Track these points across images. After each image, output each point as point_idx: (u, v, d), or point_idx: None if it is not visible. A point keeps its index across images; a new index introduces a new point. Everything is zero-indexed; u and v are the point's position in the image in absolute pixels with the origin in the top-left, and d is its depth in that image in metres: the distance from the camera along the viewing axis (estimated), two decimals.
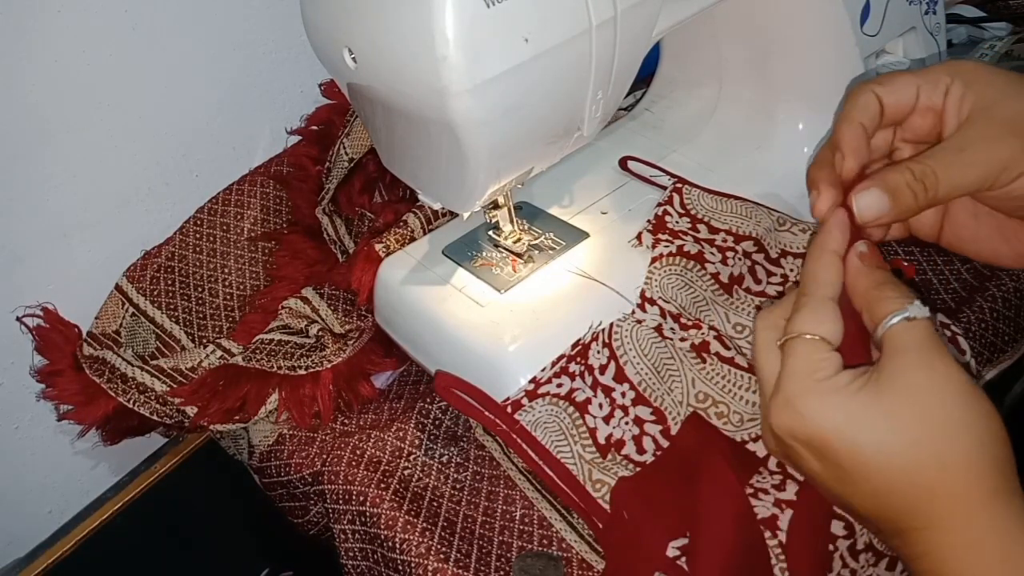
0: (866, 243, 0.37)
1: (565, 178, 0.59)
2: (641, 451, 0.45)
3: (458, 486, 0.51)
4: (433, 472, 0.52)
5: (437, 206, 0.49)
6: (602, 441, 0.46)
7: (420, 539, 0.47)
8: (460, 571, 0.46)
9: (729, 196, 0.54)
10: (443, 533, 0.48)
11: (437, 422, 0.56)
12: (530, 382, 0.47)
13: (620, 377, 0.46)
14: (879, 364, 0.34)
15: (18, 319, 0.59)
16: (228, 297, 0.67)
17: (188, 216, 0.67)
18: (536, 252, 0.53)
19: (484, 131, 0.39)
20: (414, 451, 0.53)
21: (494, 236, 0.54)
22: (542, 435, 0.45)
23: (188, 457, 0.67)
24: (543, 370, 0.47)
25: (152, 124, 0.64)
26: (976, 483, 0.31)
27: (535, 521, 0.48)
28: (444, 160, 0.42)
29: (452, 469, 0.52)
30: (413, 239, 0.58)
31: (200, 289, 0.66)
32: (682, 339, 0.48)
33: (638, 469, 0.44)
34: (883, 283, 0.35)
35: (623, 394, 0.46)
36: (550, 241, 0.54)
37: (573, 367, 0.47)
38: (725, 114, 0.62)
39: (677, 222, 0.52)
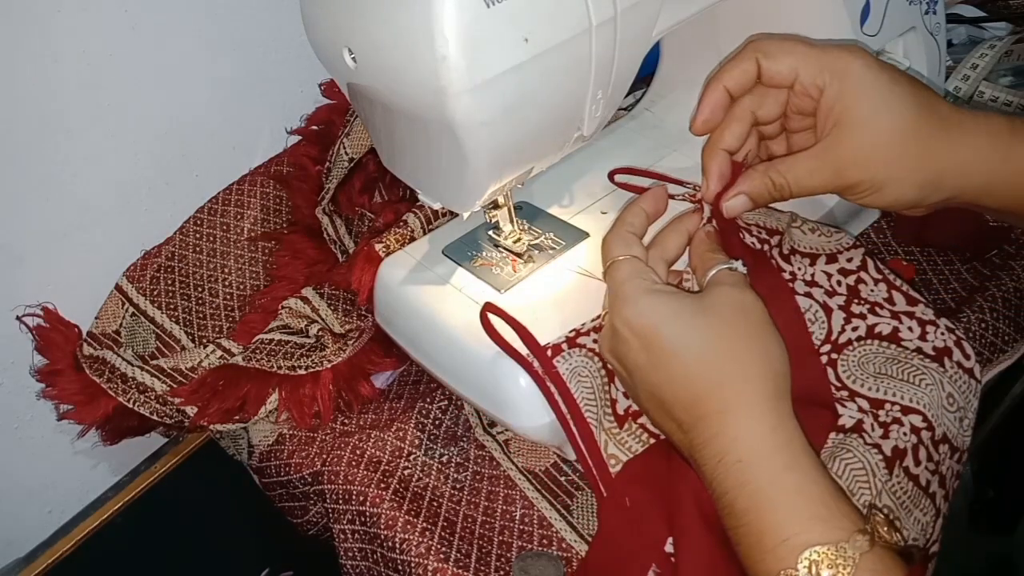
0: (712, 228, 0.45)
1: (565, 178, 0.59)
2: None
3: (458, 486, 0.51)
4: (433, 472, 0.52)
5: (437, 206, 0.49)
6: (620, 412, 0.45)
7: (420, 539, 0.47)
8: (460, 571, 0.46)
9: None
10: (443, 533, 0.48)
11: (437, 422, 0.56)
12: (572, 331, 0.46)
13: None
14: (703, 292, 0.41)
15: (18, 319, 0.59)
16: (228, 297, 0.67)
17: (188, 216, 0.67)
18: (536, 252, 0.53)
19: (484, 131, 0.39)
20: (414, 451, 0.53)
21: (494, 236, 0.54)
22: (575, 388, 0.44)
23: (188, 457, 0.67)
24: (583, 324, 0.46)
25: (152, 124, 0.64)
26: (762, 383, 0.37)
27: (535, 521, 0.48)
28: (444, 160, 0.42)
29: (452, 469, 0.52)
30: (413, 239, 0.58)
31: (200, 289, 0.66)
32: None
33: (651, 441, 0.44)
34: (716, 250, 0.44)
35: None
36: (550, 241, 0.54)
37: None
38: None
39: None
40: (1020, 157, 0.39)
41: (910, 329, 0.44)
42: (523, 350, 0.45)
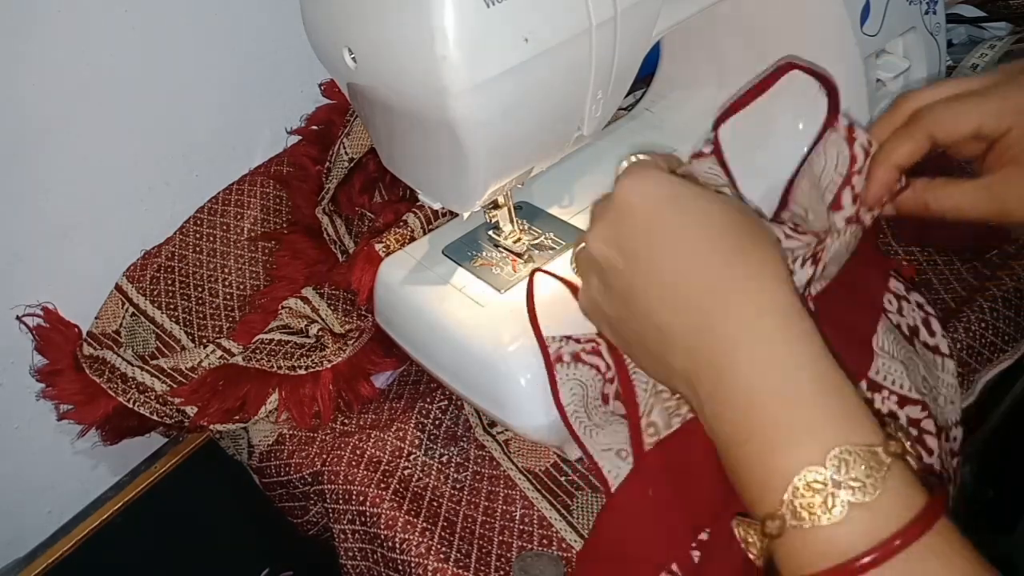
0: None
1: (565, 178, 0.59)
2: None
3: (458, 486, 0.51)
4: (433, 472, 0.52)
5: (437, 206, 0.49)
6: None
7: (420, 539, 0.47)
8: (460, 571, 0.46)
9: None
10: (443, 533, 0.48)
11: (437, 422, 0.56)
12: None
13: None
14: None
15: (18, 319, 0.59)
16: (228, 297, 0.67)
17: (188, 216, 0.67)
18: (536, 252, 0.53)
19: (484, 131, 0.39)
20: (414, 451, 0.53)
21: (494, 236, 0.54)
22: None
23: (188, 457, 0.67)
24: None
25: (152, 124, 0.64)
26: (782, 280, 0.33)
27: (535, 521, 0.48)
28: (444, 160, 0.42)
29: (452, 469, 0.52)
30: (413, 239, 0.58)
31: (200, 289, 0.66)
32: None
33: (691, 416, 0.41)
34: None
35: None
36: (550, 241, 0.54)
37: None
38: None
39: None
40: None
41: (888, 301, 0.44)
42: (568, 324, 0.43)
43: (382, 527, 0.49)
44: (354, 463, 0.52)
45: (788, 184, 0.45)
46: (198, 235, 0.67)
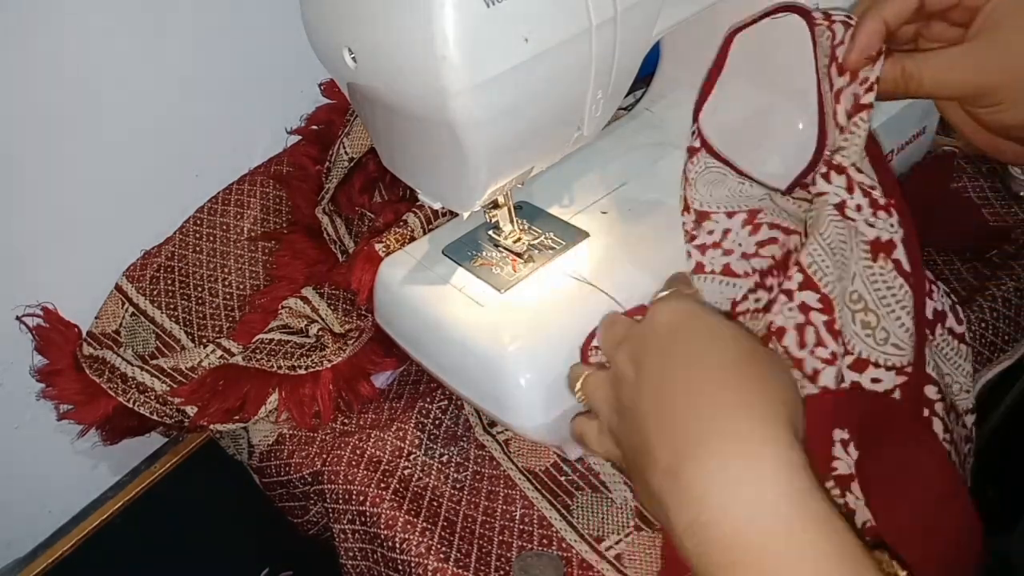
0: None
1: (565, 178, 0.59)
2: (802, 344, 0.40)
3: (458, 486, 0.51)
4: (433, 472, 0.52)
5: (437, 206, 0.49)
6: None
7: (420, 539, 0.47)
8: (460, 571, 0.46)
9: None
10: (443, 533, 0.48)
11: (437, 422, 0.56)
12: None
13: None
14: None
15: (18, 319, 0.59)
16: (228, 297, 0.67)
17: (188, 216, 0.67)
18: (536, 252, 0.53)
19: (484, 131, 0.39)
20: (414, 451, 0.53)
21: (494, 236, 0.54)
22: None
23: (188, 457, 0.67)
24: None
25: (152, 124, 0.64)
26: (783, 419, 0.32)
27: (535, 521, 0.48)
28: (444, 160, 0.42)
29: (452, 469, 0.52)
30: (413, 239, 0.58)
31: (200, 289, 0.66)
32: (868, 224, 0.40)
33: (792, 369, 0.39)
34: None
35: (789, 276, 0.41)
36: (550, 241, 0.54)
37: None
38: None
39: None
40: None
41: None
42: None
43: (382, 527, 0.49)
44: (354, 463, 0.52)
45: (819, 107, 0.44)
46: (198, 235, 0.67)
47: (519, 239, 0.53)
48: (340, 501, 0.52)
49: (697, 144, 0.47)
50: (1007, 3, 0.39)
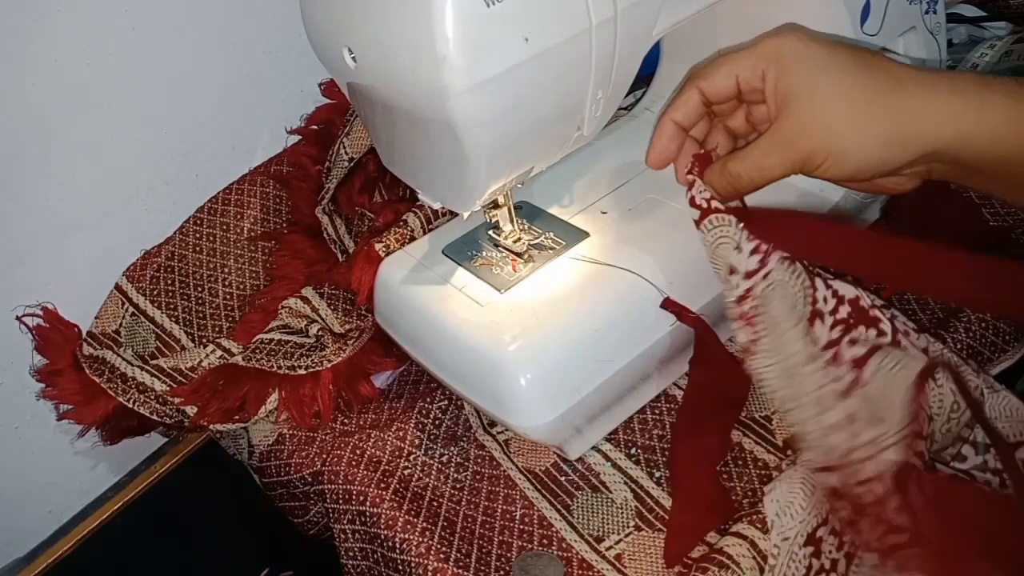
0: None
1: (565, 178, 0.59)
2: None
3: (458, 486, 0.51)
4: (433, 472, 0.52)
5: (437, 206, 0.49)
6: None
7: (420, 539, 0.47)
8: (460, 571, 0.46)
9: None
10: (443, 533, 0.48)
11: (437, 422, 0.56)
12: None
13: None
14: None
15: (18, 319, 0.59)
16: (228, 297, 0.67)
17: (188, 216, 0.67)
18: (536, 252, 0.53)
19: (484, 131, 0.39)
20: (414, 451, 0.53)
21: (494, 236, 0.54)
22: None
23: (188, 457, 0.67)
24: None
25: (152, 124, 0.64)
26: None
27: (535, 521, 0.48)
28: (444, 160, 0.42)
29: (452, 469, 0.52)
30: (413, 239, 0.58)
31: (200, 289, 0.66)
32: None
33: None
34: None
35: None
36: (550, 241, 0.54)
37: None
38: None
39: None
40: (996, 105, 0.38)
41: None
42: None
43: (382, 527, 0.49)
44: (354, 463, 0.52)
45: None
46: (198, 235, 0.67)
47: (519, 239, 0.53)
48: (340, 501, 0.52)
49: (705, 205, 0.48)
50: (782, 75, 0.41)
